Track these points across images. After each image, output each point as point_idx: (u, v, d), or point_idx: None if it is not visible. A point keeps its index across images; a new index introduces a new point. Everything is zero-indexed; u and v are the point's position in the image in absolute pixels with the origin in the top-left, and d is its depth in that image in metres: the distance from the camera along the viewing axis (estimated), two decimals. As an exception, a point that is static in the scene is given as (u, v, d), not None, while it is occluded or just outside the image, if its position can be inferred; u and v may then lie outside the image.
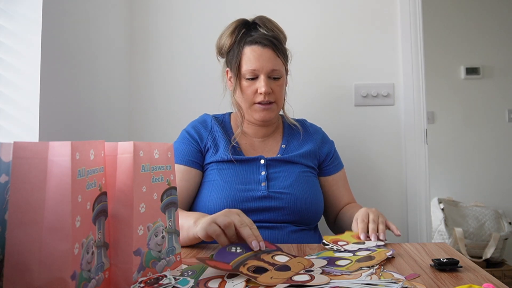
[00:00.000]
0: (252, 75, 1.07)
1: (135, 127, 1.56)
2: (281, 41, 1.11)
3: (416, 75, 1.51)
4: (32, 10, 1.01)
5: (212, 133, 1.13)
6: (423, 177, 1.49)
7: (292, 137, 1.18)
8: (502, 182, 2.86)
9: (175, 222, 0.70)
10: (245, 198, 1.01)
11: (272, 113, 1.11)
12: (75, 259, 0.49)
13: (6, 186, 0.52)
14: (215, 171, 1.07)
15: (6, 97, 1.00)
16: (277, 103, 1.11)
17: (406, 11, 1.53)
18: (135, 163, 0.61)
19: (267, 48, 1.07)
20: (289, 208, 1.02)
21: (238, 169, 1.07)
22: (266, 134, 1.17)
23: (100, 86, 1.33)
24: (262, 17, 1.13)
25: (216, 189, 1.03)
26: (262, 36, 1.08)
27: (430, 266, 0.69)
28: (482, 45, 2.93)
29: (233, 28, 1.11)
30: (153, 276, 0.62)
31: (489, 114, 2.91)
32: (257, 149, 1.15)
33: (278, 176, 1.06)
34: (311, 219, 1.06)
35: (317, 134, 1.21)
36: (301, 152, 1.13)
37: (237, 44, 1.10)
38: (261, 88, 1.06)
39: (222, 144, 1.11)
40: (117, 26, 1.47)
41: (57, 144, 0.49)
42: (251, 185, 1.04)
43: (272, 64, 1.07)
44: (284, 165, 1.09)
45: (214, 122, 1.15)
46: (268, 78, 1.08)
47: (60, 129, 1.10)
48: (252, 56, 1.07)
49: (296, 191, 1.04)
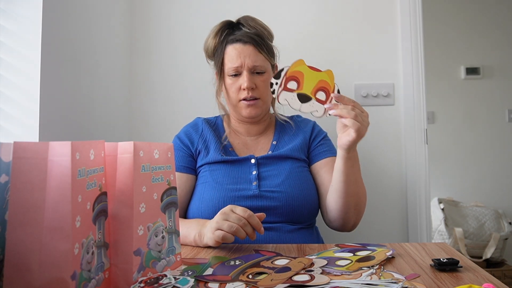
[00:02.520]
0: (235, 71, 1.08)
1: (135, 127, 1.56)
2: (263, 37, 1.12)
3: (416, 75, 1.51)
4: (32, 10, 1.01)
5: (203, 136, 1.15)
6: (423, 177, 1.49)
7: (284, 133, 1.18)
8: (502, 182, 2.86)
9: (175, 222, 0.70)
10: (236, 197, 1.01)
11: (258, 109, 1.10)
12: (75, 259, 0.49)
13: (6, 186, 0.52)
14: (207, 172, 1.08)
15: (6, 97, 1.00)
16: (262, 99, 1.10)
17: (406, 11, 1.53)
18: (135, 163, 0.61)
19: (248, 44, 1.08)
20: (281, 207, 1.01)
21: (229, 169, 1.07)
22: (258, 132, 1.17)
23: (100, 86, 1.33)
24: (246, 17, 1.14)
25: (208, 190, 1.04)
26: (243, 34, 1.10)
27: (430, 266, 0.69)
28: (482, 45, 2.93)
29: (217, 30, 1.13)
30: (153, 275, 0.62)
31: (489, 114, 2.91)
32: (249, 147, 1.15)
33: (269, 175, 1.06)
34: (306, 216, 1.05)
35: (308, 126, 1.20)
36: (292, 146, 1.12)
37: (220, 44, 1.12)
38: (243, 83, 1.07)
39: (213, 146, 1.12)
40: (117, 26, 1.47)
41: (57, 144, 0.49)
42: (242, 184, 1.04)
43: (254, 59, 1.08)
44: (275, 162, 1.09)
45: (205, 125, 1.17)
46: (251, 74, 1.08)
47: (60, 129, 1.10)
48: (233, 54, 1.08)
49: (287, 188, 1.03)
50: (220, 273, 0.66)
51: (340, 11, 1.56)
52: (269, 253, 0.77)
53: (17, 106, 1.00)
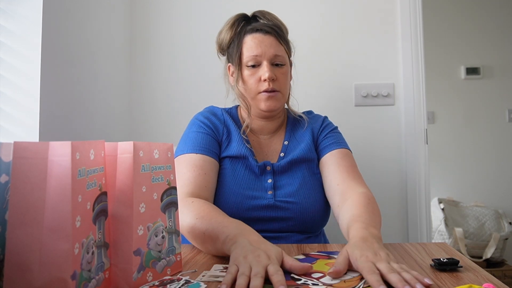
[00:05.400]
0: (254, 61, 1.03)
1: (135, 127, 1.56)
2: (283, 30, 1.08)
3: (416, 75, 1.51)
4: (32, 10, 1.01)
5: (227, 126, 1.08)
6: (423, 177, 1.49)
7: (295, 131, 1.13)
8: (502, 182, 2.86)
9: (175, 222, 0.70)
10: (251, 206, 0.98)
11: (277, 102, 1.04)
12: (75, 259, 0.49)
13: (6, 186, 0.52)
14: (227, 171, 1.02)
15: (6, 97, 1.00)
16: (281, 92, 1.05)
17: (406, 11, 1.53)
18: (135, 163, 0.61)
19: (268, 34, 1.03)
20: (295, 219, 0.99)
21: (248, 173, 1.02)
22: (271, 130, 1.12)
23: (100, 86, 1.33)
24: (262, 10, 1.10)
25: (225, 192, 0.99)
26: (263, 24, 1.05)
27: (430, 266, 0.69)
28: (482, 45, 2.93)
29: (233, 22, 1.08)
30: (166, 278, 0.62)
31: (489, 114, 2.91)
32: (263, 148, 1.10)
33: (284, 184, 1.02)
34: (317, 227, 1.04)
35: (318, 121, 1.14)
36: (302, 145, 1.08)
37: (237, 36, 1.06)
38: (264, 74, 1.01)
39: (235, 138, 1.06)
40: (117, 26, 1.47)
41: (57, 144, 0.49)
42: (258, 192, 1.00)
43: (275, 49, 1.03)
44: (289, 169, 1.04)
45: (226, 115, 1.10)
46: (272, 65, 1.03)
47: (60, 129, 1.10)
48: (253, 43, 1.03)
49: (302, 199, 1.00)
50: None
51: (340, 11, 1.56)
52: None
53: (17, 106, 1.00)
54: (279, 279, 0.59)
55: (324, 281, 0.62)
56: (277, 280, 0.58)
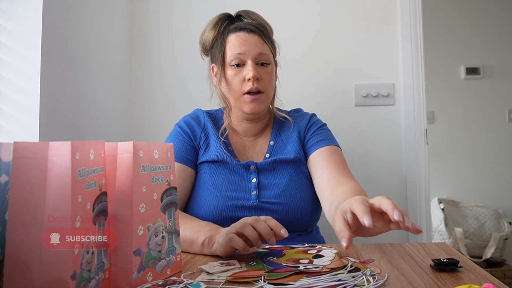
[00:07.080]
0: (238, 60, 1.01)
1: (135, 127, 1.56)
2: (267, 29, 1.07)
3: (416, 75, 1.51)
4: (32, 10, 1.01)
5: (205, 130, 1.08)
6: (423, 177, 1.49)
7: (281, 130, 1.11)
8: (502, 182, 2.86)
9: (175, 222, 0.70)
10: (234, 207, 0.97)
11: (261, 104, 1.03)
12: (75, 259, 0.49)
13: (6, 186, 0.52)
14: (207, 175, 1.02)
15: (6, 97, 1.00)
16: (266, 94, 1.03)
17: (406, 11, 1.53)
18: (135, 163, 0.61)
19: (253, 33, 1.02)
20: (281, 220, 0.94)
21: (229, 174, 1.01)
22: (256, 132, 1.10)
23: (100, 86, 1.34)
24: (246, 10, 1.09)
25: (207, 196, 0.99)
26: (247, 23, 1.03)
27: (430, 266, 0.69)
28: (482, 45, 2.93)
29: (216, 21, 1.07)
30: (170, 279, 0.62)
31: (489, 114, 2.91)
32: (247, 149, 1.09)
33: (269, 184, 1.01)
34: (306, 226, 1.01)
35: (304, 120, 1.12)
36: (289, 146, 1.06)
37: (220, 35, 1.05)
38: (248, 73, 0.99)
39: (213, 141, 1.05)
40: (117, 26, 1.47)
41: (57, 144, 0.49)
42: (241, 193, 0.99)
43: (259, 48, 1.01)
44: (274, 168, 1.03)
45: (207, 118, 1.10)
46: (256, 65, 1.01)
47: (60, 129, 1.10)
48: (237, 42, 1.01)
49: (287, 200, 0.98)
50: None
51: (340, 11, 1.56)
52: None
53: (17, 106, 1.00)
54: (275, 222, 0.70)
55: (317, 263, 0.68)
56: (275, 224, 0.71)
